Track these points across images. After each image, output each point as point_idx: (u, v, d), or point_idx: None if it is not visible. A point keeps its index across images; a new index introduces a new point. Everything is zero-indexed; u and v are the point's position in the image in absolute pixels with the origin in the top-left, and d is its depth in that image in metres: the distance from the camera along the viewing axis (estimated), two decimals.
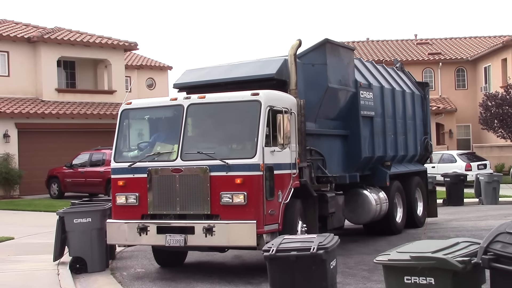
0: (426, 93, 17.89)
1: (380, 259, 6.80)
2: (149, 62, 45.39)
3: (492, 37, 47.29)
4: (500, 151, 36.11)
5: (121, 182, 11.00)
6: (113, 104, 33.85)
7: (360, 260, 11.79)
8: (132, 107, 11.54)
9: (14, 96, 32.12)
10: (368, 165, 14.49)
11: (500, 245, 6.05)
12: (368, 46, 47.03)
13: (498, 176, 23.30)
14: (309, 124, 12.18)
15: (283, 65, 11.90)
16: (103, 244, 11.56)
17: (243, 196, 10.08)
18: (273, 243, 7.97)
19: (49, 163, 29.86)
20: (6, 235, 16.23)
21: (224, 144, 10.84)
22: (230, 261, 12.56)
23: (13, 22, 35.58)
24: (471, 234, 14.16)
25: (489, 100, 33.61)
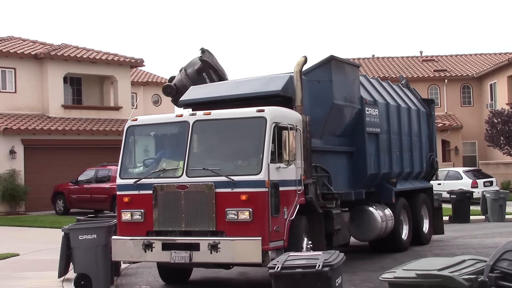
0: (432, 110, 17.88)
1: (385, 277, 6.77)
2: (155, 79, 45.54)
3: (497, 54, 47.33)
4: (506, 168, 36.01)
5: (126, 199, 11.00)
6: (119, 121, 33.93)
7: (366, 278, 11.73)
8: (138, 124, 11.56)
9: (20, 112, 32.25)
10: (374, 182, 14.46)
11: (507, 263, 6.02)
12: (373, 63, 47.10)
13: (504, 193, 23.22)
14: (315, 141, 12.18)
15: (288, 82, 11.92)
16: (108, 260, 11.53)
17: (248, 213, 10.06)
18: (278, 260, 7.95)
19: (54, 179, 29.87)
20: (11, 251, 16.22)
21: (230, 161, 10.84)
22: (236, 278, 12.52)
23: (20, 39, 35.80)
24: (478, 251, 14.09)
25: (495, 117, 33.58)
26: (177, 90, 13.70)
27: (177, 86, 13.76)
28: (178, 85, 13.78)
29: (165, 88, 13.93)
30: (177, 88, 13.74)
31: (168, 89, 13.84)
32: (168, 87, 13.84)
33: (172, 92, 13.78)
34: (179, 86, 13.72)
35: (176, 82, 13.89)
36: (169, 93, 13.85)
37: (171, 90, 13.80)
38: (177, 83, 13.84)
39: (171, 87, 13.80)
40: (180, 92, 13.56)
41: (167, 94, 13.94)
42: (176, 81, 13.90)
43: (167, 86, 13.87)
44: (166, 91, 13.91)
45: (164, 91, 13.99)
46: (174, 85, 13.83)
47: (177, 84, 13.82)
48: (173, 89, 13.80)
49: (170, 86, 13.81)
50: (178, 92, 13.65)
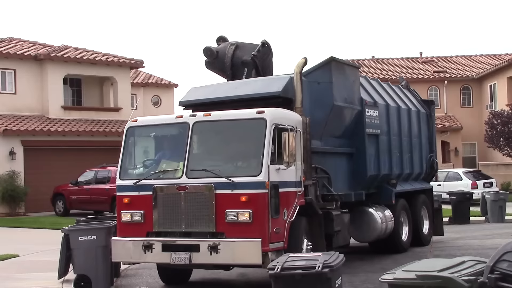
0: (432, 111, 17.89)
1: (385, 278, 6.77)
2: (155, 80, 45.56)
3: (497, 55, 47.33)
4: (506, 169, 36.01)
5: (126, 200, 11.00)
6: (119, 122, 33.94)
7: (366, 279, 11.73)
8: (138, 125, 11.56)
9: (20, 113, 32.25)
10: (374, 183, 14.46)
11: (507, 264, 6.02)
12: (373, 64, 47.11)
13: (504, 194, 23.21)
14: (315, 142, 12.18)
15: (288, 83, 11.92)
16: (108, 261, 11.53)
17: (248, 214, 10.06)
18: (278, 261, 7.95)
19: (54, 180, 29.85)
20: (11, 252, 16.22)
21: (230, 162, 10.84)
22: (235, 279, 12.52)
23: (20, 40, 35.82)
24: (477, 252, 14.09)
25: (495, 118, 33.59)
26: (216, 57, 13.48)
27: (218, 54, 13.48)
28: (219, 53, 13.48)
29: (206, 50, 13.53)
30: (217, 55, 13.48)
31: (209, 51, 13.49)
32: (209, 50, 13.49)
33: (212, 56, 13.49)
34: (220, 55, 13.44)
35: (219, 50, 13.56)
36: (209, 56, 13.53)
37: (211, 53, 13.48)
38: (220, 52, 13.50)
39: (211, 51, 13.48)
40: (217, 61, 13.40)
41: (206, 56, 13.58)
42: (220, 49, 13.57)
43: (209, 49, 13.50)
44: (206, 52, 13.53)
45: (205, 52, 13.56)
46: (216, 51, 13.55)
47: (219, 52, 13.50)
48: (213, 54, 13.49)
49: (211, 50, 13.49)
50: (216, 60, 13.47)
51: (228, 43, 13.61)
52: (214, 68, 13.77)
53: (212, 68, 13.77)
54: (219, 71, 13.76)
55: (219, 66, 13.63)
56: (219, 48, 13.62)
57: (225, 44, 13.66)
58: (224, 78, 13.74)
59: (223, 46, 13.64)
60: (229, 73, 13.45)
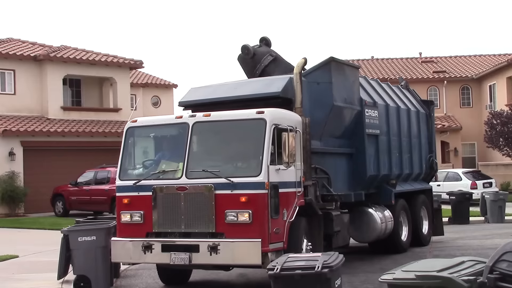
0: (431, 111, 17.89)
1: (385, 278, 6.77)
2: (154, 80, 45.57)
3: (497, 55, 47.33)
4: (505, 169, 36.02)
5: (126, 200, 11.00)
6: (118, 122, 33.94)
7: (365, 279, 11.74)
8: (137, 125, 11.57)
9: (19, 114, 32.24)
10: (373, 183, 14.46)
11: (506, 264, 6.03)
12: (373, 64, 47.12)
13: (503, 195, 23.21)
14: (314, 142, 12.18)
15: (288, 83, 11.93)
16: (107, 262, 11.54)
17: (248, 215, 10.06)
18: (277, 261, 7.95)
19: (54, 181, 29.84)
20: (11, 253, 16.22)
21: (229, 162, 10.84)
22: (235, 280, 12.52)
23: (20, 41, 35.81)
24: (477, 252, 14.09)
25: (494, 118, 33.59)
26: (252, 57, 13.52)
27: (254, 56, 13.53)
28: (256, 56, 13.53)
29: (244, 47, 13.57)
30: (253, 56, 13.53)
31: (246, 50, 13.54)
32: (247, 48, 13.53)
33: (248, 54, 13.54)
34: (256, 58, 13.50)
35: (256, 53, 13.59)
36: (245, 53, 13.58)
37: (248, 52, 13.52)
38: (257, 55, 13.55)
39: (249, 50, 13.53)
40: (251, 61, 13.46)
41: (243, 52, 13.64)
42: (258, 53, 13.60)
43: (247, 48, 13.54)
44: (243, 50, 13.58)
45: (242, 49, 13.60)
46: (253, 53, 13.57)
47: (256, 55, 13.55)
48: (250, 53, 13.53)
49: (249, 50, 13.54)
50: (250, 60, 13.52)
51: (268, 51, 13.68)
52: (245, 66, 13.85)
53: (243, 64, 13.84)
54: (247, 71, 13.88)
55: (249, 67, 13.71)
56: (257, 51, 13.68)
57: (265, 50, 13.73)
58: (246, 76, 13.84)
59: (262, 50, 13.72)
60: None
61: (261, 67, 13.49)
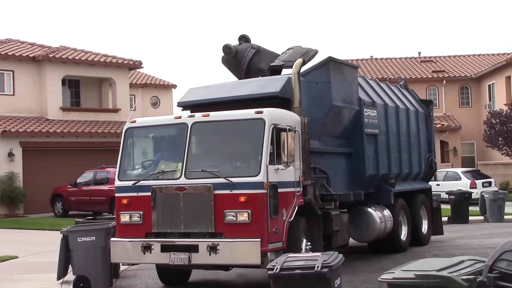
0: (430, 110, 17.89)
1: (385, 278, 6.77)
2: (153, 81, 45.56)
3: (496, 55, 47.37)
4: (505, 169, 36.03)
5: (125, 201, 11.00)
6: (118, 123, 33.92)
7: (365, 279, 11.74)
8: (137, 126, 11.56)
9: (19, 114, 32.23)
10: (373, 183, 14.46)
11: (506, 263, 6.03)
12: (371, 64, 47.13)
13: (503, 194, 23.22)
14: (313, 142, 12.18)
15: (287, 83, 11.92)
16: (107, 262, 11.53)
17: (247, 214, 10.06)
18: (277, 261, 7.95)
19: (53, 181, 29.85)
20: (10, 254, 16.22)
21: (228, 162, 10.84)
22: (235, 280, 12.52)
23: (19, 42, 35.79)
24: (476, 252, 14.09)
25: (493, 118, 33.60)
26: (234, 56, 13.50)
27: (237, 54, 13.49)
28: (238, 53, 13.50)
29: (225, 47, 13.56)
30: (235, 54, 13.50)
31: (228, 49, 13.53)
32: (228, 48, 13.52)
33: (230, 53, 13.52)
34: (238, 55, 13.45)
35: (238, 50, 13.57)
36: (227, 53, 13.57)
37: (230, 51, 13.51)
38: (239, 52, 13.51)
39: (230, 49, 13.51)
40: (234, 60, 13.42)
41: (225, 53, 13.63)
42: (240, 50, 13.57)
43: (228, 47, 13.53)
44: (225, 50, 13.57)
45: (224, 49, 13.60)
46: (235, 51, 13.55)
47: (238, 52, 13.52)
48: (232, 52, 13.52)
49: (231, 48, 13.51)
50: (233, 58, 13.49)
51: (249, 46, 13.61)
52: (229, 66, 13.78)
53: (227, 65, 13.78)
54: (233, 70, 13.79)
55: (234, 66, 13.65)
56: (239, 48, 13.61)
57: (246, 45, 13.65)
58: (235, 77, 13.78)
59: (243, 46, 13.63)
60: (243, 76, 13.47)
61: (246, 61, 13.43)
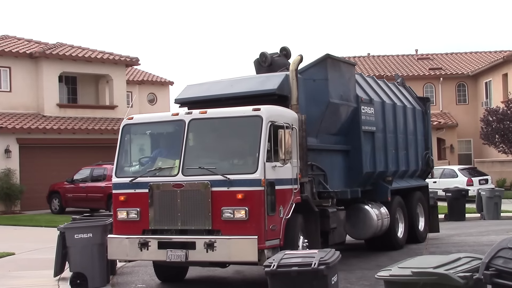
0: (427, 108, 17.91)
1: (381, 275, 6.78)
2: (150, 78, 45.50)
3: (493, 52, 47.41)
4: (501, 166, 36.09)
5: (122, 197, 10.99)
6: (115, 119, 33.89)
7: (362, 276, 11.75)
8: (134, 122, 11.55)
9: (15, 111, 32.19)
10: (370, 180, 14.48)
11: (502, 261, 6.03)
12: (369, 61, 47.14)
13: (499, 191, 23.26)
14: (311, 139, 12.19)
15: (284, 81, 11.92)
16: (104, 259, 11.53)
17: (244, 212, 10.07)
18: (274, 258, 7.95)
19: (50, 178, 29.84)
20: (7, 250, 16.19)
21: (226, 159, 10.84)
22: (231, 277, 12.53)
23: (15, 38, 35.73)
24: (473, 249, 14.11)
25: (490, 115, 33.63)
26: (269, 66, 13.48)
27: (271, 66, 13.49)
28: (273, 65, 13.50)
29: (262, 55, 13.59)
30: (270, 65, 13.50)
31: (264, 58, 13.54)
32: (265, 57, 13.55)
33: (265, 62, 13.51)
34: (272, 67, 13.45)
35: (273, 63, 13.56)
36: (263, 61, 13.57)
37: (266, 60, 13.50)
38: (274, 64, 13.53)
39: (267, 59, 13.52)
40: (267, 69, 13.42)
41: (260, 60, 13.66)
42: (275, 63, 13.57)
43: (265, 56, 13.56)
44: (261, 58, 13.59)
45: (261, 56, 13.63)
46: (271, 62, 13.54)
47: (273, 65, 13.52)
48: (267, 60, 13.51)
49: (267, 58, 13.54)
50: (266, 68, 13.48)
51: (285, 64, 13.50)
52: (259, 71, 13.74)
53: (257, 69, 13.74)
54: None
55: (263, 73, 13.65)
56: (274, 61, 13.58)
57: (283, 62, 13.61)
58: None
59: (280, 62, 13.60)
60: None
61: None
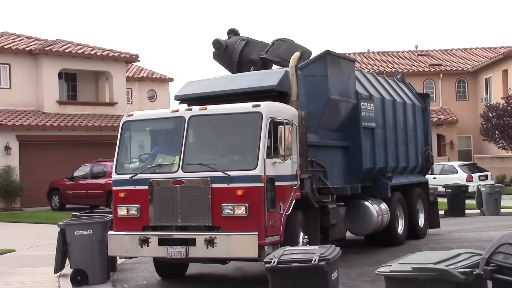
0: (427, 104, 17.91)
1: (381, 271, 6.78)
2: (150, 74, 45.50)
3: (492, 48, 47.37)
4: (501, 162, 36.10)
5: (122, 194, 10.99)
6: (114, 116, 33.89)
7: (362, 272, 11.77)
8: (134, 119, 11.55)
9: (15, 108, 32.18)
10: (370, 176, 14.48)
11: (502, 256, 6.05)
12: (369, 57, 47.12)
13: (499, 187, 23.27)
14: (310, 136, 12.19)
15: (284, 77, 11.92)
16: (104, 256, 11.54)
17: (244, 208, 10.07)
18: (274, 254, 7.96)
19: (50, 175, 29.85)
20: (7, 247, 16.21)
21: (226, 156, 10.84)
22: (232, 273, 12.54)
23: (15, 35, 35.70)
24: (473, 245, 14.13)
25: (490, 111, 33.64)
26: (225, 50, 13.52)
27: (227, 48, 13.51)
28: (229, 47, 13.52)
29: (215, 42, 13.61)
30: (226, 48, 13.52)
31: (218, 44, 13.56)
32: (218, 42, 13.56)
33: (220, 48, 13.54)
34: (229, 49, 13.49)
35: (228, 44, 13.59)
36: (217, 48, 13.60)
37: (220, 46, 13.54)
38: (229, 46, 13.55)
39: (220, 43, 13.54)
40: (225, 54, 13.44)
41: (215, 48, 13.67)
42: (230, 43, 13.60)
43: (218, 41, 13.56)
44: (215, 45, 13.61)
45: (214, 44, 13.65)
46: (225, 45, 13.58)
47: (229, 46, 13.54)
48: (222, 46, 13.55)
49: (221, 43, 13.55)
50: (224, 53, 13.51)
51: (238, 38, 13.60)
52: (221, 61, 13.78)
53: (219, 60, 13.78)
54: (226, 65, 13.78)
55: (226, 60, 13.65)
56: (228, 42, 13.61)
57: (236, 38, 13.66)
58: (228, 72, 13.76)
59: (233, 40, 13.63)
60: (235, 68, 13.47)
61: (237, 54, 13.47)
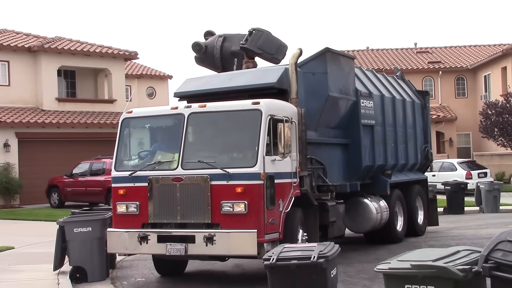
0: (426, 101, 17.92)
1: (380, 268, 6.79)
2: (149, 71, 45.48)
3: (492, 46, 47.38)
4: (500, 160, 36.11)
5: (121, 191, 10.99)
6: (114, 113, 33.89)
7: (361, 269, 11.77)
8: (133, 116, 11.54)
9: (14, 105, 32.17)
10: (369, 173, 14.48)
11: (501, 253, 6.05)
12: (368, 55, 47.10)
13: (498, 185, 23.27)
14: (310, 133, 12.19)
15: (283, 74, 11.91)
16: (103, 253, 11.54)
17: (243, 205, 10.07)
18: (273, 251, 7.96)
19: (49, 172, 29.83)
20: (6, 244, 16.20)
21: (225, 153, 10.84)
22: (231, 270, 12.55)
23: (14, 32, 35.66)
24: (472, 242, 14.14)
25: (489, 109, 33.64)
26: (205, 52, 13.54)
27: (207, 49, 13.54)
28: (208, 47, 13.55)
29: (194, 45, 13.63)
30: (206, 49, 13.55)
31: (198, 46, 13.58)
32: (197, 45, 13.59)
33: (201, 50, 13.56)
34: (209, 49, 13.51)
35: (208, 44, 13.63)
36: (198, 51, 13.61)
37: (200, 48, 13.56)
38: (209, 46, 13.58)
39: (200, 46, 13.56)
40: (207, 55, 13.46)
41: (195, 51, 13.68)
42: (209, 43, 13.64)
43: (197, 44, 13.59)
44: (195, 48, 13.62)
45: (193, 47, 13.66)
46: (205, 46, 13.62)
47: (208, 46, 13.57)
48: (202, 48, 13.56)
49: (200, 45, 13.58)
50: (205, 54, 13.53)
51: (215, 36, 13.66)
52: (204, 63, 13.81)
53: (202, 63, 13.80)
54: (210, 65, 13.79)
55: (208, 61, 13.66)
56: (207, 42, 13.66)
57: (213, 37, 13.70)
58: (215, 72, 13.75)
59: (211, 39, 13.68)
60: (219, 65, 13.47)
61: (218, 50, 13.49)
